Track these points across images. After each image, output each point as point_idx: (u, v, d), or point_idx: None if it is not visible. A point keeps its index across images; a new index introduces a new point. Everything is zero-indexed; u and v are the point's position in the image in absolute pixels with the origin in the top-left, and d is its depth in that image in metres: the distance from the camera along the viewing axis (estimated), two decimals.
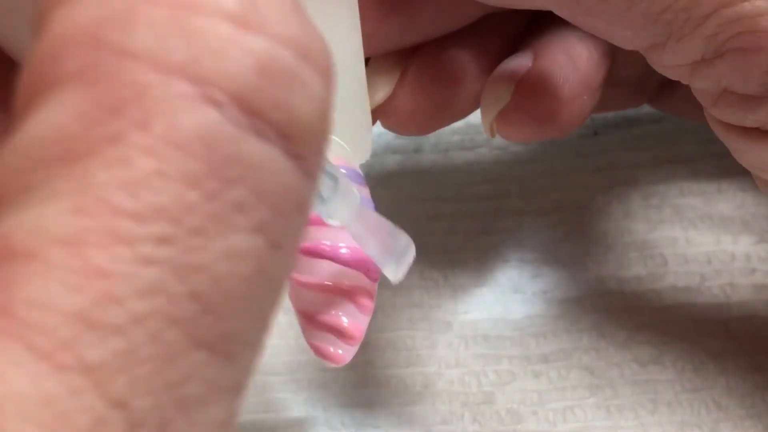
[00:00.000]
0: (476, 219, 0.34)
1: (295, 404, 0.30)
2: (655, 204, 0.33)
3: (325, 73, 0.14)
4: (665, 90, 0.32)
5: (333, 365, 0.25)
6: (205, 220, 0.13)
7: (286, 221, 0.14)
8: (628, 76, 0.31)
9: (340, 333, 0.24)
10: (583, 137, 0.36)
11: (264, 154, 0.14)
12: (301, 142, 0.14)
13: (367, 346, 0.31)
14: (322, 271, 0.24)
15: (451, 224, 0.34)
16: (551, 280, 0.32)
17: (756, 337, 0.31)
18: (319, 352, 0.24)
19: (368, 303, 0.24)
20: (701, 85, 0.24)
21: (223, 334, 0.14)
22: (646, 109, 0.35)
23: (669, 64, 0.24)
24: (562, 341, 0.31)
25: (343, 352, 0.24)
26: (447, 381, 0.30)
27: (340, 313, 0.24)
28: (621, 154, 0.35)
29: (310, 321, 0.24)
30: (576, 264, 0.33)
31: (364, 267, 0.24)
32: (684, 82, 0.24)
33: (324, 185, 0.21)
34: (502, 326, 0.31)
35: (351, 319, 0.24)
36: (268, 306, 0.14)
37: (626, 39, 0.24)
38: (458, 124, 0.36)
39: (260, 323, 0.14)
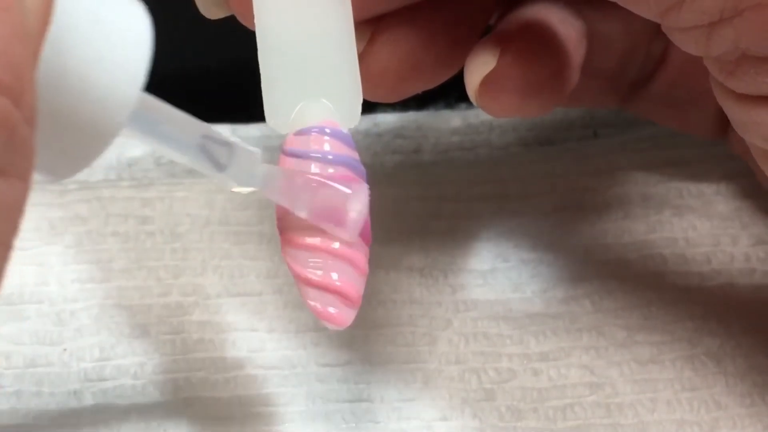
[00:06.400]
0: (476, 219, 0.34)
1: (295, 398, 0.30)
2: (655, 205, 0.34)
3: None
4: (638, 90, 0.32)
5: (333, 327, 0.24)
6: None
7: None
8: (602, 69, 0.31)
9: (336, 293, 0.24)
10: (583, 139, 0.36)
11: None
12: None
13: (367, 341, 0.31)
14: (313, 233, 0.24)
15: (451, 224, 0.34)
16: (551, 279, 0.32)
17: (755, 337, 0.31)
18: (317, 314, 0.24)
19: (362, 264, 0.24)
20: (719, 50, 0.23)
21: None
22: None
23: (686, 25, 0.23)
24: (561, 340, 0.31)
25: (339, 311, 0.24)
26: (447, 378, 0.30)
27: (334, 273, 0.24)
28: (620, 155, 0.35)
29: (306, 281, 0.24)
30: (575, 264, 0.33)
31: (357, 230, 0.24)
32: (699, 52, 0.24)
33: (218, 154, 0.22)
34: (503, 324, 0.31)
35: (344, 278, 0.24)
36: None
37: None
38: (458, 124, 0.37)
39: None
